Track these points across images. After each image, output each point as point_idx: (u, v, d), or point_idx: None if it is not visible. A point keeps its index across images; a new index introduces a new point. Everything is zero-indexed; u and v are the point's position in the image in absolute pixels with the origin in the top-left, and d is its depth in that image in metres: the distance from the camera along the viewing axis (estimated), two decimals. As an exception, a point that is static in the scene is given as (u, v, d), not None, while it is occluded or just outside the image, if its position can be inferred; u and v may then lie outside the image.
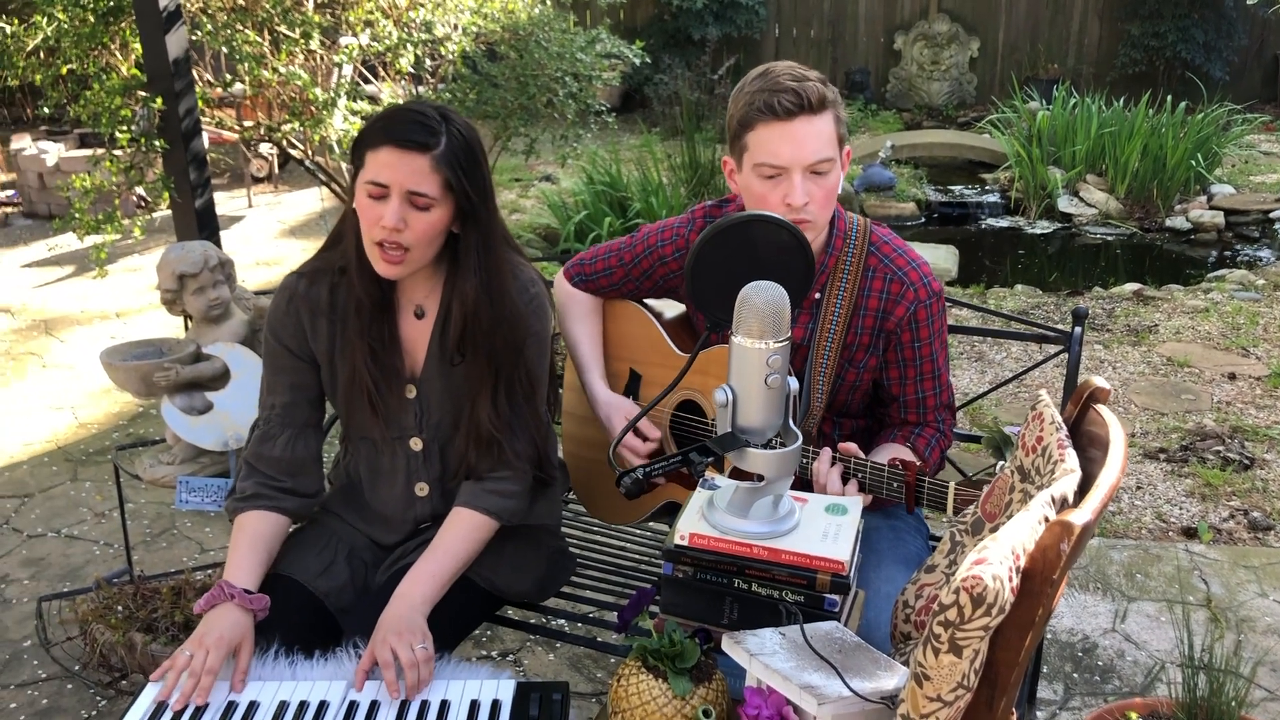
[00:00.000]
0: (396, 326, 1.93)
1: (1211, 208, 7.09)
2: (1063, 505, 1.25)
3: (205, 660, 1.66)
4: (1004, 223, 7.38)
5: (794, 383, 1.52)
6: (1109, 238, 7.00)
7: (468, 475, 1.96)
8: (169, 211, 3.86)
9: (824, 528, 1.56)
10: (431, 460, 1.98)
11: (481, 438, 1.91)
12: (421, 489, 2.00)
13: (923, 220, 7.41)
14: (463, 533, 1.91)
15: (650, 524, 2.47)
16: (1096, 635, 2.92)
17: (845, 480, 1.88)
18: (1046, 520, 1.19)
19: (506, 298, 1.90)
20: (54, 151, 7.18)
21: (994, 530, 1.38)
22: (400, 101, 4.77)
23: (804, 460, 1.91)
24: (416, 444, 1.97)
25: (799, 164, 1.86)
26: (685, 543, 1.55)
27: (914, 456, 2.02)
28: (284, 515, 1.93)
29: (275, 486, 1.92)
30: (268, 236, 6.84)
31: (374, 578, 2.00)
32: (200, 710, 1.62)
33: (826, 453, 1.87)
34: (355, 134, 4.42)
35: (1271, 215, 7.02)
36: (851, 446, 1.90)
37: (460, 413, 1.94)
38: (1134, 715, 2.32)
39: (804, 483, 1.91)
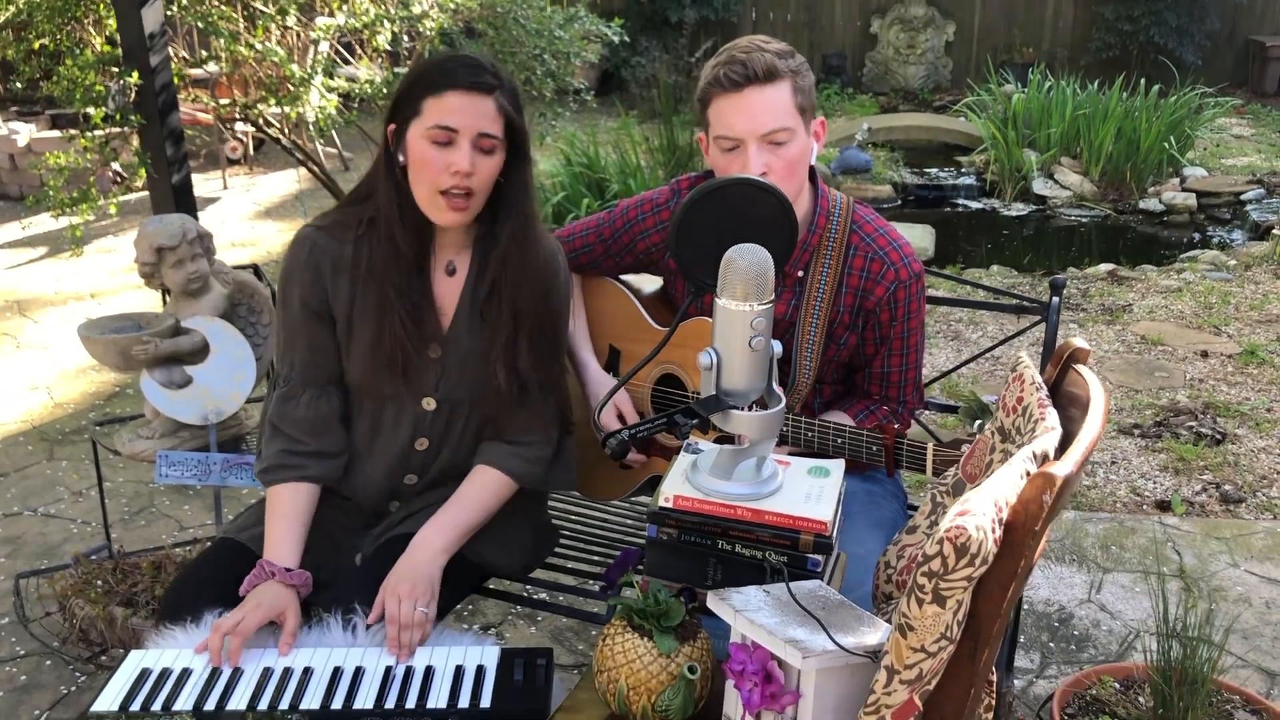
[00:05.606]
0: (430, 283, 1.91)
1: (1184, 190, 7.15)
2: (1044, 461, 1.26)
3: (239, 624, 1.68)
4: (979, 205, 7.42)
5: (778, 346, 1.53)
6: (1083, 219, 7.05)
7: (495, 435, 1.95)
8: (145, 192, 3.84)
9: (807, 489, 1.58)
10: (440, 419, 1.95)
11: (516, 383, 1.89)
12: (421, 443, 1.96)
13: (899, 202, 7.43)
14: (486, 490, 1.91)
15: (634, 497, 2.48)
16: (1073, 605, 2.95)
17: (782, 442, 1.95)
18: (1028, 474, 1.20)
19: (539, 243, 1.92)
20: (25, 132, 7.09)
21: (975, 489, 1.39)
22: (378, 77, 4.75)
23: None
24: (430, 404, 1.93)
25: (753, 134, 1.88)
26: (670, 505, 1.56)
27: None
28: (312, 483, 1.89)
29: (299, 452, 1.88)
30: (243, 218, 6.79)
31: (344, 542, 1.96)
32: (184, 675, 1.63)
33: None
34: (329, 104, 4.36)
35: (1243, 197, 7.09)
36: None
37: (480, 374, 1.91)
38: (1110, 680, 2.35)
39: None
